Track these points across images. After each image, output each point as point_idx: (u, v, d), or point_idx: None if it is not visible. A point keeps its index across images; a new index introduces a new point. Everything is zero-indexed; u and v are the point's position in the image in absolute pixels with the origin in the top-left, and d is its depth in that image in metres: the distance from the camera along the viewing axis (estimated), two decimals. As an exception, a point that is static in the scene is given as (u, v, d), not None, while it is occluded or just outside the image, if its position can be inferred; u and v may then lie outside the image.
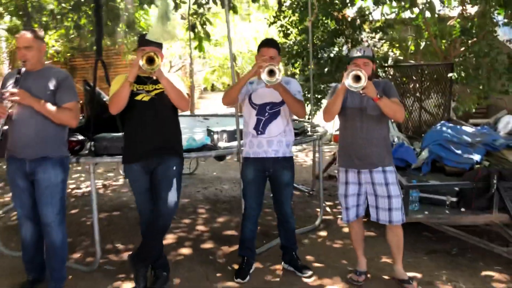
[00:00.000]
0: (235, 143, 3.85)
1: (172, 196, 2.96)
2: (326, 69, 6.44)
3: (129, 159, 3.05)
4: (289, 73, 7.50)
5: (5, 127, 2.89)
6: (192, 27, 7.80)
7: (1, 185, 5.87)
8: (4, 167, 5.85)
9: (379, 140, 3.05)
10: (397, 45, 7.63)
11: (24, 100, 2.81)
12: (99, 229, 3.51)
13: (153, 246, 3.03)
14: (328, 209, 4.86)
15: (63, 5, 8.38)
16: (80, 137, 3.65)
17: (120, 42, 10.06)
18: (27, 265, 3.20)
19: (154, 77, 2.90)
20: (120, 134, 3.55)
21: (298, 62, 6.90)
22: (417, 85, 6.71)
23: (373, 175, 3.02)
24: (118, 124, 3.77)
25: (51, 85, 2.91)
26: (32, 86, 2.88)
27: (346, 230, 4.06)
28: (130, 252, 3.26)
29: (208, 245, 3.97)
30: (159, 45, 3.02)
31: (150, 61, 2.75)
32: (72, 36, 10.03)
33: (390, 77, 6.76)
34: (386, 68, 6.76)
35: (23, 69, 2.90)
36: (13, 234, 3.92)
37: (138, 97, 2.94)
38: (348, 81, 2.78)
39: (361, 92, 2.79)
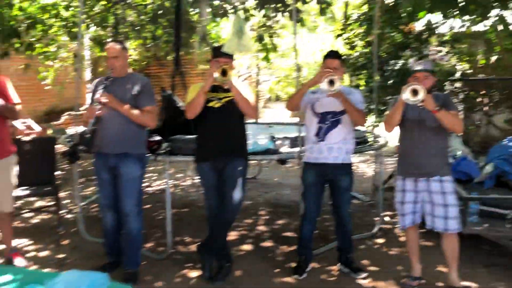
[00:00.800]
0: (297, 149, 4.08)
1: (237, 194, 3.23)
2: (390, 81, 6.51)
3: (200, 159, 3.38)
4: (353, 84, 7.61)
5: (94, 127, 3.30)
6: (259, 39, 8.14)
7: (83, 180, 6.45)
8: (85, 164, 6.46)
9: (437, 150, 3.14)
10: (466, 58, 7.50)
11: (111, 103, 3.20)
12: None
13: (219, 238, 3.32)
14: (387, 218, 4.92)
15: (142, 17, 9.07)
16: (158, 138, 4.04)
17: (193, 52, 10.67)
18: (107, 250, 3.60)
19: (226, 87, 3.20)
20: (193, 136, 3.90)
21: (362, 74, 7.02)
22: (486, 99, 6.59)
23: (430, 184, 3.12)
24: (191, 127, 4.12)
25: (134, 90, 3.30)
26: (118, 90, 3.27)
27: (403, 238, 4.11)
28: (198, 244, 3.56)
29: (268, 243, 4.22)
30: (231, 57, 3.33)
31: (224, 73, 3.05)
32: (149, 45, 10.79)
33: (458, 90, 6.68)
34: (453, 82, 6.69)
35: (111, 76, 3.31)
36: (94, 222, 4.37)
37: (211, 104, 3.25)
38: (405, 95, 2.91)
39: (419, 104, 2.92)
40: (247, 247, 4.10)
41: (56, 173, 4.83)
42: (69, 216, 5.01)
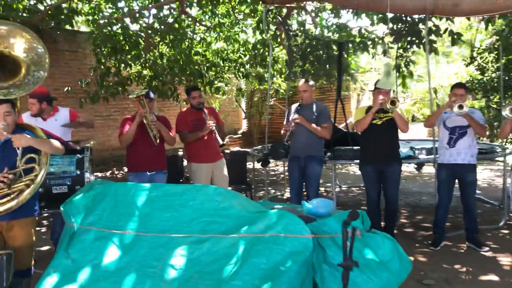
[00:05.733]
0: (432, 156, 5.30)
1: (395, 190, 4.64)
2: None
3: (365, 162, 4.78)
4: (476, 106, 8.37)
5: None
6: (397, 68, 9.35)
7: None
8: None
9: None
10: None
11: (302, 122, 4.81)
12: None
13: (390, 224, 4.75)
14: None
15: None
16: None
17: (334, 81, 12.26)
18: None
19: (387, 109, 4.53)
20: (349, 147, 5.38)
21: (495, 96, 7.83)
22: None
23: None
24: (349, 141, 5.62)
25: (316, 112, 4.87)
26: (305, 113, 4.87)
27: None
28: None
29: (409, 229, 5.46)
30: (389, 89, 4.70)
31: (393, 102, 4.42)
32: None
33: None
34: None
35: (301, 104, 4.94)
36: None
37: (374, 121, 4.63)
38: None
39: None
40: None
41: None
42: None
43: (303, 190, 5.12)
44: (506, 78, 7.57)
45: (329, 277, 2.38)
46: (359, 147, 5.24)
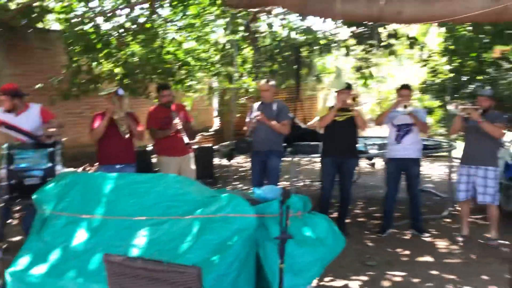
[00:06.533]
0: (382, 151, 5.77)
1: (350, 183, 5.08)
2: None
3: (325, 155, 5.16)
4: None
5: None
6: (358, 69, 9.85)
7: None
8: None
9: (486, 148, 4.64)
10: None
11: (263, 119, 5.17)
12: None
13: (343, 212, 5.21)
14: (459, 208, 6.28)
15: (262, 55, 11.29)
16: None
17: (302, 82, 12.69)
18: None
19: (351, 108, 4.93)
20: (306, 143, 5.78)
21: (444, 97, 8.39)
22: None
23: (478, 171, 4.64)
24: (307, 137, 6.03)
25: (276, 110, 5.24)
26: (266, 111, 5.23)
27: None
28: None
29: (362, 219, 5.91)
30: (349, 89, 5.10)
31: (353, 99, 4.84)
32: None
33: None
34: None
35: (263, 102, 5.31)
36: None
37: (336, 118, 5.01)
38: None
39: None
40: (348, 220, 5.77)
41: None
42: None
43: (265, 182, 5.48)
44: (461, 79, 8.15)
45: (271, 251, 2.75)
46: (316, 143, 5.67)
